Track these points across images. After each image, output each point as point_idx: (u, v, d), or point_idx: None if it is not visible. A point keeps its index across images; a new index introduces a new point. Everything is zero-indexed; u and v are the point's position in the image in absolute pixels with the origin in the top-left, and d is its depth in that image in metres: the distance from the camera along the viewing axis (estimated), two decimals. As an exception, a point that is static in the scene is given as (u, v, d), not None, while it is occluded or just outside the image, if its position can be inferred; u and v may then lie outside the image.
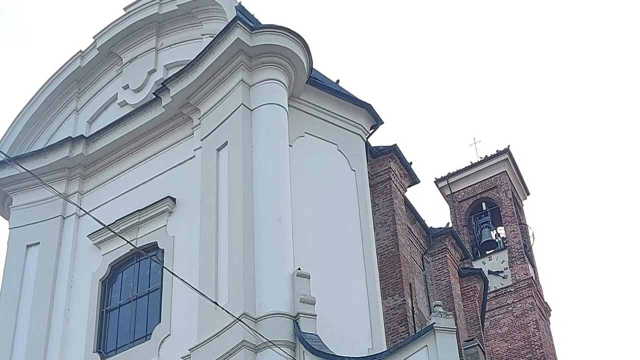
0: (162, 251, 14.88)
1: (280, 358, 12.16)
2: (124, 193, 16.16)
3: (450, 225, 23.66)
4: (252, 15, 17.29)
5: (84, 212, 15.76)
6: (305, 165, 15.27)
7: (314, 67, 15.93)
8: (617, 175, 61.04)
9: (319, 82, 16.35)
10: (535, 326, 26.15)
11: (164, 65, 16.97)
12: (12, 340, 15.25)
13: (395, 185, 17.93)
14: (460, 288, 20.34)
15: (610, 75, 62.37)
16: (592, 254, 60.38)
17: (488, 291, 22.60)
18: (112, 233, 14.46)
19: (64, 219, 16.47)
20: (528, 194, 31.33)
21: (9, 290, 15.94)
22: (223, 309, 12.13)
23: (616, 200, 60.33)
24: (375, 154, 17.78)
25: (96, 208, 15.98)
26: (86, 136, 16.98)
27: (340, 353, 12.31)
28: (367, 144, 17.08)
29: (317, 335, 12.56)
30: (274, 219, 13.63)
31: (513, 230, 28.35)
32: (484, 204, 29.56)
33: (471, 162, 30.30)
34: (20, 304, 15.65)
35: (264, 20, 16.50)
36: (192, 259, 14.09)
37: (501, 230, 29.20)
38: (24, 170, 13.75)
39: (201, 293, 12.16)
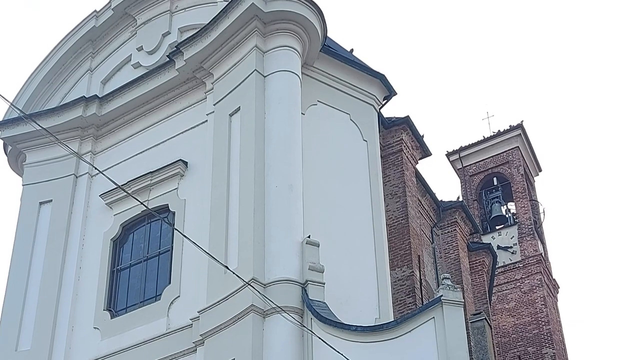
0: (173, 214, 14.94)
1: (288, 324, 12.24)
2: (136, 155, 16.18)
3: (461, 199, 23.62)
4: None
5: (96, 172, 15.85)
6: (317, 133, 15.21)
7: (328, 35, 15.79)
8: (630, 153, 60.63)
9: (332, 51, 16.21)
10: (542, 302, 26.16)
11: (178, 28, 16.85)
12: (23, 296, 15.42)
13: (407, 157, 17.87)
14: (469, 262, 20.36)
15: (626, 51, 61.67)
16: (602, 232, 60.26)
17: (496, 266, 22.61)
18: (124, 193, 14.54)
19: (76, 177, 16.55)
20: (540, 170, 31.15)
21: (22, 246, 16.10)
22: (233, 272, 12.18)
23: (629, 179, 60.01)
24: (388, 125, 17.70)
25: (108, 168, 16.00)
26: (100, 96, 16.97)
27: (348, 322, 12.35)
28: (379, 115, 16.99)
29: (325, 303, 12.62)
30: (285, 186, 13.62)
31: (524, 206, 28.25)
32: (495, 178, 29.42)
33: (484, 137, 30.11)
34: (33, 260, 15.80)
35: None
36: (203, 223, 14.13)
37: (512, 206, 29.08)
38: (39, 128, 13.75)
39: (212, 256, 12.21)
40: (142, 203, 13.37)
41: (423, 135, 18.40)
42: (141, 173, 15.60)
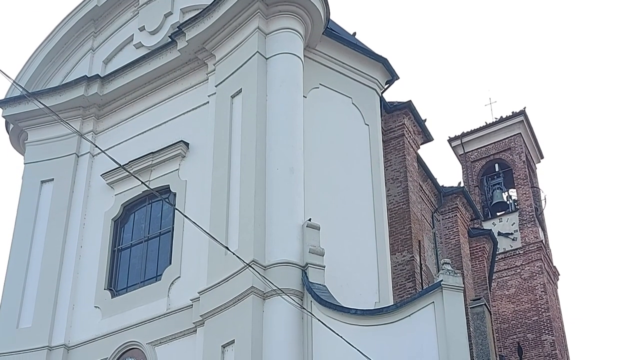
0: (174, 194, 14.96)
1: (288, 306, 12.27)
2: (137, 135, 16.16)
3: (462, 184, 23.57)
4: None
5: (98, 151, 15.88)
6: (318, 117, 15.18)
7: (331, 18, 15.71)
8: (633, 141, 60.50)
9: (335, 34, 16.13)
10: (542, 289, 26.20)
11: (181, 9, 16.73)
12: (25, 275, 15.47)
13: (408, 141, 17.85)
14: (469, 248, 20.38)
15: (629, 39, 61.38)
16: (603, 220, 60.26)
17: (497, 252, 22.63)
18: (126, 173, 14.53)
19: (78, 157, 16.54)
20: (542, 157, 31.09)
21: (23, 224, 16.13)
22: (234, 254, 12.21)
23: (631, 167, 59.91)
24: (390, 110, 17.66)
25: (110, 148, 15.94)
26: (102, 76, 16.93)
27: (347, 305, 12.38)
28: (381, 99, 16.94)
29: (325, 285, 12.65)
30: (286, 169, 13.61)
31: (525, 193, 28.22)
32: (496, 165, 29.37)
33: (486, 123, 30.01)
34: (34, 239, 15.84)
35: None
36: (204, 204, 14.14)
37: (513, 193, 29.05)
38: (41, 106, 13.75)
39: (212, 237, 12.22)
40: (143, 183, 13.37)
41: (425, 120, 18.36)
42: (142, 153, 15.58)
